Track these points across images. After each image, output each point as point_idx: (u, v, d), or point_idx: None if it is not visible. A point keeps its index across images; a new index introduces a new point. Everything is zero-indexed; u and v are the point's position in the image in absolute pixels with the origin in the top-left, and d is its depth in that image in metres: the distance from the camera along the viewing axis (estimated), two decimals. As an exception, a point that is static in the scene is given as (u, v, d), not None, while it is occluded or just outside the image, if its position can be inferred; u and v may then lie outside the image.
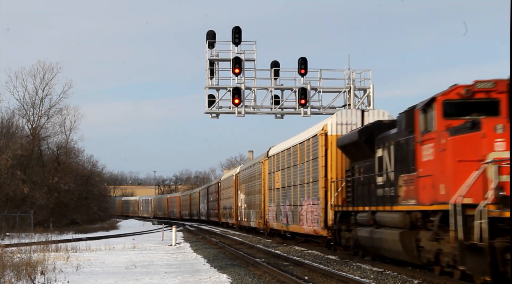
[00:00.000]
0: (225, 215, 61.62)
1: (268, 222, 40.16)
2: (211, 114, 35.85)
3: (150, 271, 21.82)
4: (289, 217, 33.67)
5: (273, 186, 38.10)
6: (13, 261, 21.46)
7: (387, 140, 20.82)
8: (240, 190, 52.32)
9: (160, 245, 38.31)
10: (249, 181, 47.59)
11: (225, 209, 61.58)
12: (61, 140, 73.09)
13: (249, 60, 35.58)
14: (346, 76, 36.55)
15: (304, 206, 30.27)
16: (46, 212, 59.45)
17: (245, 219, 49.27)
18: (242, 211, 50.61)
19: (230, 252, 29.03)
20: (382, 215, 20.41)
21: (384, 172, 20.72)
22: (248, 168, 48.87)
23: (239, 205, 52.38)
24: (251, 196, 46.29)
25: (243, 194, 50.11)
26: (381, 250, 20.65)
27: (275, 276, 18.76)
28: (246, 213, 48.66)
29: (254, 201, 45.11)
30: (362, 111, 27.82)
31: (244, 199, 49.50)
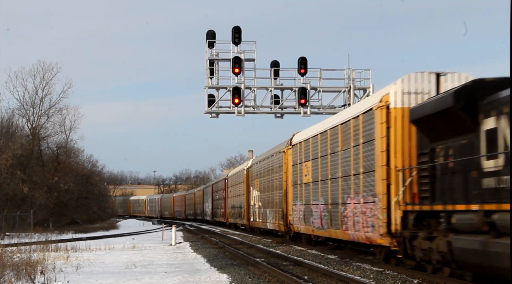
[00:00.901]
0: (234, 215, 55.67)
1: (292, 224, 32.94)
2: (211, 114, 35.87)
3: (150, 270, 21.81)
4: (325, 218, 26.27)
5: (300, 180, 30.58)
6: (13, 260, 21.47)
7: (501, 105, 14.50)
8: (253, 186, 45.59)
9: (160, 244, 38.30)
10: (265, 175, 40.61)
11: (234, 208, 55.64)
12: (61, 140, 73.20)
13: (249, 60, 35.60)
14: (346, 76, 36.59)
15: (350, 205, 23.04)
16: (46, 211, 59.45)
17: (260, 220, 42.86)
18: (256, 210, 44.10)
19: (230, 252, 29.02)
20: None
21: (500, 152, 14.23)
22: (264, 160, 41.37)
23: (251, 204, 46.05)
24: (268, 193, 39.52)
25: (257, 190, 43.75)
26: (504, 271, 13.72)
27: (275, 275, 18.74)
28: (261, 213, 42.14)
29: (272, 198, 38.29)
30: (437, 75, 20.23)
31: (259, 197, 43.10)
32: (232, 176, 58.09)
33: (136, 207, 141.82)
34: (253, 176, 45.51)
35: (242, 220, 50.56)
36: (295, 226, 32.28)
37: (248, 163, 49.33)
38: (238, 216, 52.63)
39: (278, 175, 36.29)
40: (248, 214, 47.57)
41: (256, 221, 44.35)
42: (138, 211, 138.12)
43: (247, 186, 47.72)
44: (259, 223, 43.25)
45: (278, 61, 36.26)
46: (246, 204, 48.02)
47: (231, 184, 57.51)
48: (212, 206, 72.60)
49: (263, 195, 41.31)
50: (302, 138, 30.58)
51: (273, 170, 37.89)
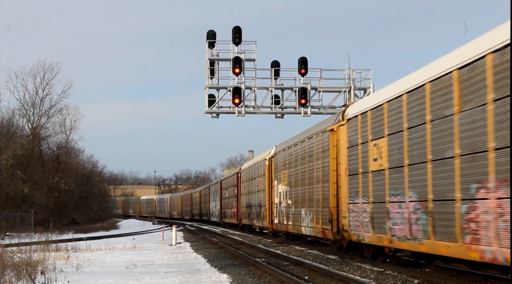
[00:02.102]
0: (250, 215, 46.99)
1: (347, 230, 23.02)
2: (211, 114, 35.89)
3: (150, 270, 21.81)
4: (421, 223, 16.75)
5: (364, 167, 21.10)
6: (13, 260, 21.47)
7: None
8: (277, 179, 36.12)
9: (160, 244, 38.30)
10: (298, 164, 30.78)
11: (249, 208, 46.88)
12: (61, 140, 73.27)
13: (249, 60, 35.62)
14: (346, 76, 36.62)
15: (487, 202, 13.49)
16: (46, 211, 59.48)
17: (289, 222, 32.89)
18: (283, 210, 34.51)
19: (230, 252, 29.02)
20: None
21: None
22: (296, 145, 31.39)
23: (275, 202, 36.69)
24: (303, 187, 29.70)
25: (284, 185, 34.19)
26: None
27: (275, 276, 18.74)
28: (292, 214, 32.20)
29: (309, 195, 28.39)
30: None
31: (287, 193, 33.48)
32: (247, 169, 48.93)
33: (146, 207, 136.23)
34: (278, 166, 35.90)
35: (261, 222, 41.85)
36: (352, 233, 22.20)
37: (270, 151, 39.41)
38: (256, 216, 43.96)
39: (320, 163, 26.55)
40: (271, 214, 38.54)
41: (284, 224, 34.41)
42: (147, 211, 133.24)
43: (270, 179, 38.65)
44: (289, 226, 33.11)
45: (279, 61, 36.32)
46: (268, 202, 38.98)
47: (246, 178, 49.10)
48: (221, 205, 65.12)
49: (294, 191, 31.65)
50: (366, 107, 21.08)
51: (311, 157, 28.22)
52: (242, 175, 51.39)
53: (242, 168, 52.31)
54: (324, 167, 25.93)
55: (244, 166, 51.57)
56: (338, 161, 24.17)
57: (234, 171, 57.98)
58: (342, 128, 23.64)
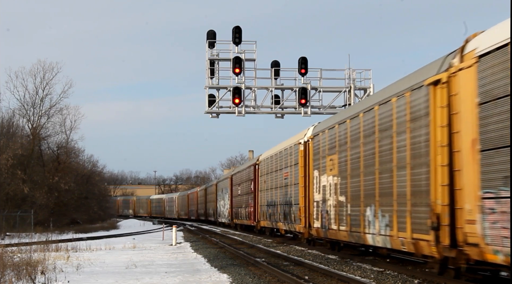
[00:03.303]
0: (272, 216, 37.90)
1: (476, 242, 13.82)
2: (212, 114, 35.90)
3: (151, 270, 21.81)
4: None
5: None
6: (14, 260, 21.45)
7: None
8: (320, 168, 26.52)
9: (160, 244, 38.30)
10: (360, 144, 21.36)
11: (272, 207, 37.80)
12: (61, 140, 73.28)
13: (249, 60, 35.63)
14: (346, 75, 36.64)
15: None
16: (46, 211, 59.48)
17: (343, 227, 23.25)
18: (329, 209, 25.02)
19: (230, 252, 29.02)
20: None
21: None
22: (355, 117, 21.98)
23: (316, 199, 27.28)
24: (369, 176, 20.45)
25: (333, 175, 24.67)
26: None
27: (275, 275, 18.74)
28: (347, 215, 22.70)
29: (382, 187, 19.32)
30: None
31: (337, 185, 24.01)
32: (268, 159, 39.75)
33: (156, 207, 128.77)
34: (321, 151, 26.44)
35: (291, 224, 32.74)
36: (492, 250, 13.24)
37: (305, 133, 30.15)
38: (282, 217, 34.86)
39: (407, 137, 17.33)
40: (307, 215, 29.06)
41: (331, 229, 24.85)
42: (157, 212, 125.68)
43: (306, 170, 29.53)
44: (340, 232, 23.61)
45: (279, 61, 36.34)
46: (303, 200, 29.63)
47: (267, 170, 40.06)
48: (231, 204, 56.58)
49: (352, 182, 22.23)
50: None
51: (386, 131, 18.95)
52: (261, 167, 42.17)
53: (261, 158, 42.67)
54: (417, 142, 16.75)
55: (265, 155, 41.71)
56: (453, 130, 15.03)
57: (249, 163, 49.13)
58: (465, 74, 14.58)
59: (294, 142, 32.15)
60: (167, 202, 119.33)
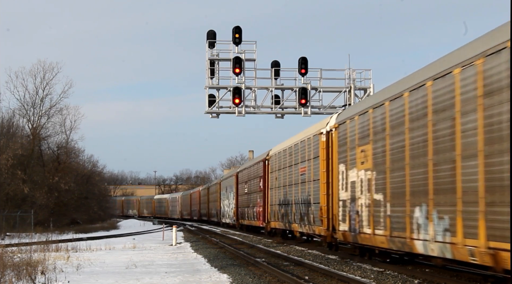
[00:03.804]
0: (285, 216, 33.89)
1: None
2: (212, 114, 35.88)
3: (151, 270, 21.81)
4: None
5: None
6: (14, 260, 21.46)
7: None
8: (348, 162, 22.69)
9: (160, 244, 38.31)
10: (404, 131, 17.61)
11: (286, 206, 33.98)
12: (61, 140, 73.31)
13: (250, 60, 35.61)
14: (346, 76, 36.62)
15: None
16: (46, 211, 59.50)
17: (380, 231, 19.30)
18: (360, 209, 21.23)
19: (230, 252, 29.02)
20: None
21: None
22: (399, 97, 18.09)
23: (343, 197, 23.37)
24: (419, 168, 16.55)
25: (365, 169, 20.86)
26: None
27: (275, 276, 18.75)
28: (385, 216, 18.90)
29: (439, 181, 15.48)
30: None
31: (372, 181, 20.18)
32: (281, 153, 35.71)
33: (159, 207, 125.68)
34: (349, 141, 22.64)
35: (309, 226, 28.72)
36: None
37: (327, 122, 26.34)
38: (298, 218, 30.88)
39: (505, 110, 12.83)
40: (331, 216, 25.27)
41: (363, 233, 20.88)
42: (161, 212, 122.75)
43: (329, 163, 25.70)
44: (377, 237, 19.62)
45: (279, 61, 36.31)
46: (326, 198, 25.74)
47: (279, 166, 36.02)
48: (237, 204, 53.12)
49: (392, 177, 18.42)
50: None
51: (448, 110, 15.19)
52: (272, 162, 38.24)
53: (272, 152, 38.70)
54: (497, 123, 13.02)
55: (276, 149, 37.85)
56: None
57: (258, 158, 45.05)
58: None
59: (314, 132, 28.07)
60: (170, 202, 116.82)
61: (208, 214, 75.66)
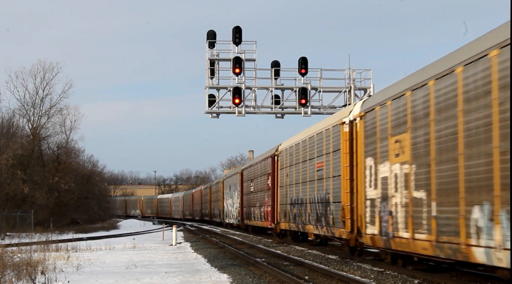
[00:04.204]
0: (298, 217, 30.77)
1: None
2: (212, 114, 35.90)
3: (151, 270, 21.81)
4: None
5: None
6: (14, 260, 21.46)
7: None
8: (379, 154, 19.77)
9: (160, 244, 38.31)
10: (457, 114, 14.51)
11: (298, 206, 30.71)
12: (61, 140, 73.33)
13: (250, 60, 35.64)
14: (346, 76, 36.65)
15: None
16: (46, 211, 59.49)
17: (423, 235, 16.21)
18: (394, 210, 18.30)
19: (230, 252, 29.02)
20: None
21: None
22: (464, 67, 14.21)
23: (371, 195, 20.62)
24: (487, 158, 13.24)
25: (400, 162, 17.94)
26: None
27: (275, 276, 18.74)
28: (430, 218, 15.81)
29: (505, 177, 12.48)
30: None
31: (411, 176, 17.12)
32: (292, 148, 32.42)
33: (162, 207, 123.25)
34: (379, 131, 19.66)
35: (329, 228, 25.26)
36: None
37: (350, 110, 23.36)
38: (314, 219, 27.67)
39: None
40: (356, 218, 22.16)
41: (398, 237, 17.95)
42: (164, 212, 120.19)
43: (353, 157, 22.61)
44: (416, 242, 16.74)
45: (279, 61, 36.35)
46: (350, 196, 22.61)
47: (290, 161, 32.85)
48: (242, 203, 49.88)
49: (441, 170, 15.38)
50: None
51: None
52: (282, 158, 35.16)
53: (282, 147, 35.51)
54: None
55: (287, 144, 34.53)
56: None
57: (266, 154, 41.26)
58: None
59: (334, 123, 24.71)
60: (173, 201, 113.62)
61: (210, 214, 73.88)
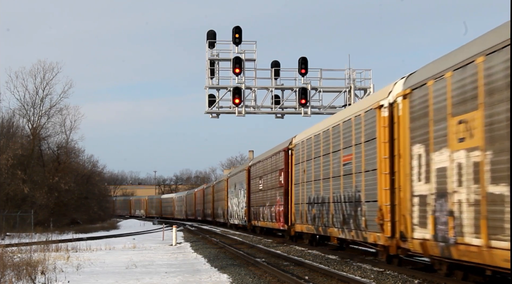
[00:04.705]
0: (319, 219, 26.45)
1: None
2: (212, 114, 35.90)
3: (151, 271, 21.81)
4: None
5: None
6: (14, 260, 21.45)
7: None
8: (432, 140, 15.72)
9: (160, 244, 38.30)
10: None
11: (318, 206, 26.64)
12: (61, 140, 73.34)
13: (250, 60, 35.64)
14: (346, 76, 36.66)
15: None
16: (46, 211, 59.49)
17: (505, 243, 12.20)
18: (462, 210, 14.09)
19: (230, 252, 29.01)
20: None
21: None
22: None
23: (422, 192, 16.30)
24: None
25: (476, 148, 13.49)
26: None
27: (275, 276, 18.74)
28: None
29: None
30: None
31: (488, 165, 12.98)
32: (310, 140, 28.34)
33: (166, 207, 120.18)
34: (434, 110, 15.66)
35: (359, 232, 21.51)
36: None
37: (391, 89, 19.35)
38: (340, 221, 23.62)
39: None
40: (396, 220, 18.45)
41: (462, 244, 14.06)
42: (167, 212, 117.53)
43: (396, 146, 18.68)
44: (494, 252, 12.72)
45: (279, 62, 36.36)
46: (390, 196, 18.78)
47: (308, 155, 28.64)
48: (248, 203, 46.29)
49: None
50: None
51: None
52: (298, 151, 30.90)
53: (297, 140, 31.33)
54: None
55: (303, 135, 30.30)
56: None
57: (277, 148, 37.25)
58: None
59: (367, 107, 20.84)
60: (176, 201, 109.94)
61: (213, 214, 70.58)
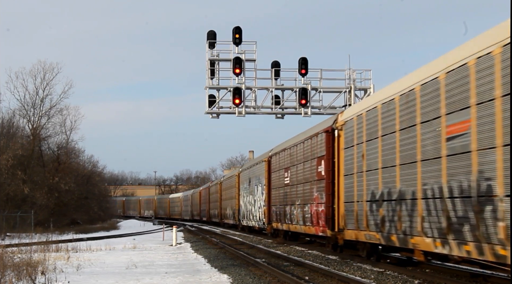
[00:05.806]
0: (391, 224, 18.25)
1: None
2: (212, 114, 35.90)
3: (151, 271, 21.81)
4: None
5: None
6: (14, 261, 21.45)
7: None
8: None
9: (160, 245, 38.31)
10: None
11: (387, 204, 18.63)
12: (61, 141, 73.33)
13: (250, 60, 35.64)
14: (346, 76, 36.65)
15: None
16: (46, 212, 59.48)
17: None
18: None
19: (230, 252, 29.02)
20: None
21: None
22: None
23: None
24: None
25: None
26: None
27: (275, 276, 18.74)
28: None
29: None
30: None
31: None
32: (370, 112, 20.41)
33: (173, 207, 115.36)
34: None
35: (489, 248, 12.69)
36: None
37: None
38: (440, 228, 14.94)
39: None
40: None
41: None
42: (176, 213, 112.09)
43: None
44: None
45: (279, 62, 36.36)
46: None
47: (368, 135, 20.58)
48: (269, 201, 38.24)
49: None
50: None
51: None
52: (349, 130, 22.80)
53: (347, 116, 23.24)
54: None
55: (358, 108, 22.50)
56: None
57: (313, 130, 28.70)
58: None
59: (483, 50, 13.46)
60: (183, 201, 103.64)
61: (221, 215, 62.94)
